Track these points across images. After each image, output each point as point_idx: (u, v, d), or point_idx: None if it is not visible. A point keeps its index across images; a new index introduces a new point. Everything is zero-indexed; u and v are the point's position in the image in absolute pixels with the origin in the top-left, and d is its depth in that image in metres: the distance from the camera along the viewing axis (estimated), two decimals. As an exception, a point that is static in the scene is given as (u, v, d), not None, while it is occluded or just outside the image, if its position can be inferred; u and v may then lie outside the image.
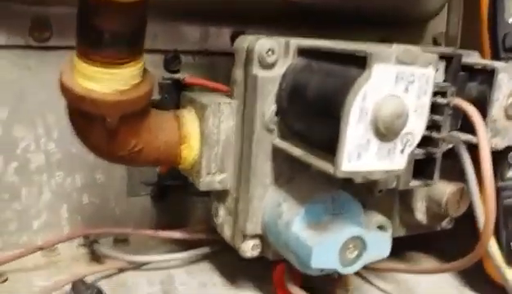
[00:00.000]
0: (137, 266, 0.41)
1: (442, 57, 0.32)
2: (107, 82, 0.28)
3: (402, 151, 0.27)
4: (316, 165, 0.28)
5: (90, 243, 0.42)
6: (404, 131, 0.26)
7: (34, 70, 0.41)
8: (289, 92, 0.31)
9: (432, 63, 0.26)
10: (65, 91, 0.29)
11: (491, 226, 0.29)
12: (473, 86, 0.34)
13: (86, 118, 0.30)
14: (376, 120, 0.25)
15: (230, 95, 0.35)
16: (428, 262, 0.45)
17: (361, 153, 0.26)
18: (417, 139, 0.27)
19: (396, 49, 0.25)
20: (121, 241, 0.45)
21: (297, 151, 0.30)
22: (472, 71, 0.34)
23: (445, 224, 0.41)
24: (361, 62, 0.25)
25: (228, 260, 0.41)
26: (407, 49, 0.25)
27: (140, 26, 0.28)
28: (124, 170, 0.45)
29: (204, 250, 0.42)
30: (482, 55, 0.37)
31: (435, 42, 0.56)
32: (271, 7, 0.44)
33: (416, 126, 0.27)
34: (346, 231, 0.29)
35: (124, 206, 0.47)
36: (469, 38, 0.38)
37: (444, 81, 0.32)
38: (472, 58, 0.35)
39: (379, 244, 0.31)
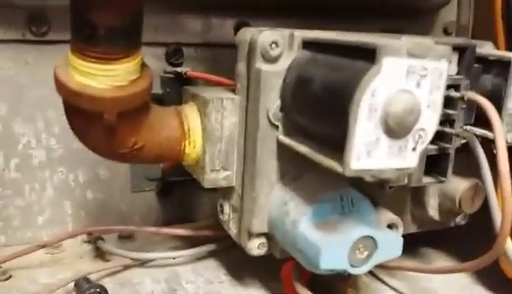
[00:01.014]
0: (142, 263, 0.40)
1: (455, 48, 0.30)
2: (103, 78, 0.27)
3: (414, 149, 0.25)
4: (323, 163, 0.26)
5: (94, 240, 0.42)
6: (416, 128, 0.25)
7: (32, 65, 0.40)
8: (293, 87, 0.29)
9: (445, 56, 0.24)
10: (61, 86, 0.28)
11: (509, 226, 0.28)
12: (488, 79, 0.32)
13: (83, 116, 0.29)
14: (387, 116, 0.24)
15: (234, 89, 0.34)
16: (440, 259, 0.44)
17: (371, 151, 0.24)
18: (430, 135, 0.26)
19: (407, 41, 0.23)
20: (126, 237, 0.44)
21: (303, 148, 0.29)
22: (486, 63, 0.32)
23: (459, 220, 0.40)
24: (369, 55, 0.24)
25: (235, 257, 0.41)
26: (419, 41, 0.24)
27: (136, 20, 0.27)
28: (127, 165, 0.45)
29: (211, 247, 0.41)
30: (496, 46, 0.35)
31: (446, 32, 0.55)
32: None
33: (429, 123, 0.25)
34: (356, 231, 0.28)
35: (129, 201, 0.46)
36: (481, 27, 0.36)
37: (457, 73, 0.30)
38: (485, 49, 0.33)
39: (391, 244, 0.30)
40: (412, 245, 0.44)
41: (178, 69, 0.42)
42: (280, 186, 0.32)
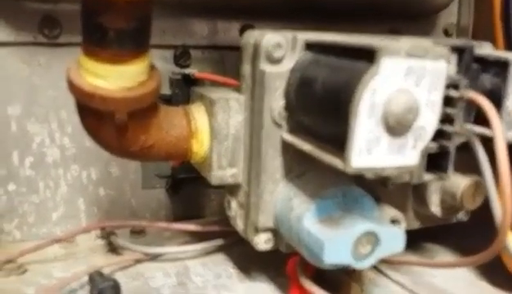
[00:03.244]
0: (153, 258, 0.42)
1: (454, 49, 0.31)
2: (114, 79, 0.29)
3: (414, 146, 0.26)
4: (325, 160, 0.27)
5: (107, 235, 0.43)
6: (416, 126, 0.26)
7: (45, 66, 0.42)
8: (297, 87, 0.30)
9: (443, 56, 0.25)
10: (74, 88, 0.29)
11: (509, 222, 0.29)
12: (487, 79, 0.33)
13: (95, 116, 0.31)
14: (387, 115, 0.25)
15: (239, 89, 0.35)
16: (444, 254, 0.44)
17: (372, 149, 0.25)
18: (429, 134, 0.26)
19: (405, 42, 0.24)
20: (137, 232, 0.45)
21: (306, 146, 0.29)
22: (485, 63, 0.32)
23: (461, 216, 0.40)
24: (369, 56, 0.24)
25: (243, 252, 0.42)
26: (417, 42, 0.24)
27: (144, 24, 0.28)
28: (138, 163, 0.46)
29: (219, 242, 0.43)
30: (496, 46, 0.36)
31: (446, 33, 0.55)
32: (280, 1, 0.44)
33: (428, 121, 0.26)
34: (359, 226, 0.29)
35: (140, 198, 0.47)
36: (480, 29, 0.36)
37: (457, 73, 0.31)
38: (484, 49, 0.34)
39: (393, 239, 0.30)
40: (416, 240, 0.45)
41: (186, 71, 0.43)
42: (284, 183, 0.33)
